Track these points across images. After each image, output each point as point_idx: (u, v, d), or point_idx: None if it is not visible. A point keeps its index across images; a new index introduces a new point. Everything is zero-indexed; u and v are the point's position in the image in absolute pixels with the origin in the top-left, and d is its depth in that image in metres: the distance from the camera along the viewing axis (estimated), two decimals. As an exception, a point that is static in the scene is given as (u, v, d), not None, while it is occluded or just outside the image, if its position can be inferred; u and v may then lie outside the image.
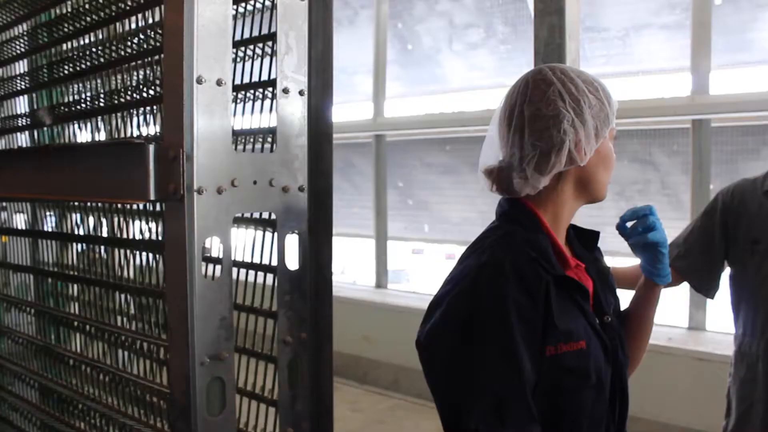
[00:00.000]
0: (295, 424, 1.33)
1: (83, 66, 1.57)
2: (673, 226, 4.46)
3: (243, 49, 1.33)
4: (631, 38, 4.60)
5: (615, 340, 1.32)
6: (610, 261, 2.18)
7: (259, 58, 1.31)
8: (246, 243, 1.33)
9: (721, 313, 2.32)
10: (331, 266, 1.32)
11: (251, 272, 1.34)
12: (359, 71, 6.16)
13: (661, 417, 3.88)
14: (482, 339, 1.13)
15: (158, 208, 1.41)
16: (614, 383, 1.29)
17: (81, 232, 1.69)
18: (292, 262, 1.28)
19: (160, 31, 1.32)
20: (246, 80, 1.33)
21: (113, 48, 1.47)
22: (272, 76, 1.26)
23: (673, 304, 4.04)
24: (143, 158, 1.12)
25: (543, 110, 1.24)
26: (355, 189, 6.32)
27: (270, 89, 1.27)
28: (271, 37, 1.25)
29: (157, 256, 1.39)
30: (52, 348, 1.70)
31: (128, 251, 1.48)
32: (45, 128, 1.77)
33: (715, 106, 4.12)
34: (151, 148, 1.12)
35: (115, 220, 1.55)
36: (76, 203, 1.66)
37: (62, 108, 1.68)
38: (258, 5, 1.31)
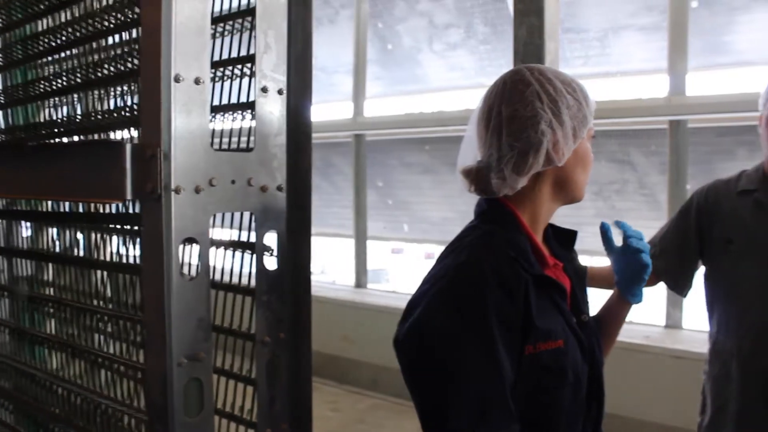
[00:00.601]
0: (274, 424, 1.32)
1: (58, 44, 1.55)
2: (650, 225, 4.51)
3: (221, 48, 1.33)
4: (609, 39, 4.64)
5: (592, 338, 1.33)
6: (587, 260, 2.21)
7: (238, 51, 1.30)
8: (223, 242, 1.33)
9: (697, 311, 2.35)
10: (309, 266, 1.32)
11: (229, 272, 1.33)
12: (339, 71, 6.15)
13: (639, 414, 3.92)
14: (461, 338, 1.13)
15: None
16: (591, 381, 1.29)
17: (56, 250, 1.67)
18: (271, 262, 1.27)
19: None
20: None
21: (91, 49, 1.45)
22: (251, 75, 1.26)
23: (650, 302, 4.08)
24: (120, 157, 1.11)
25: (521, 111, 1.24)
26: (335, 188, 6.31)
27: (248, 88, 1.27)
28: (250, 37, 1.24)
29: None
30: (24, 366, 1.68)
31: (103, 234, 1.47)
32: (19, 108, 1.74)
33: (692, 107, 4.16)
34: (128, 147, 1.11)
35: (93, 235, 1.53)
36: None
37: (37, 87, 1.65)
38: (235, 4, 1.30)
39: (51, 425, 1.57)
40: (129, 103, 1.36)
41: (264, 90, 1.24)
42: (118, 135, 1.41)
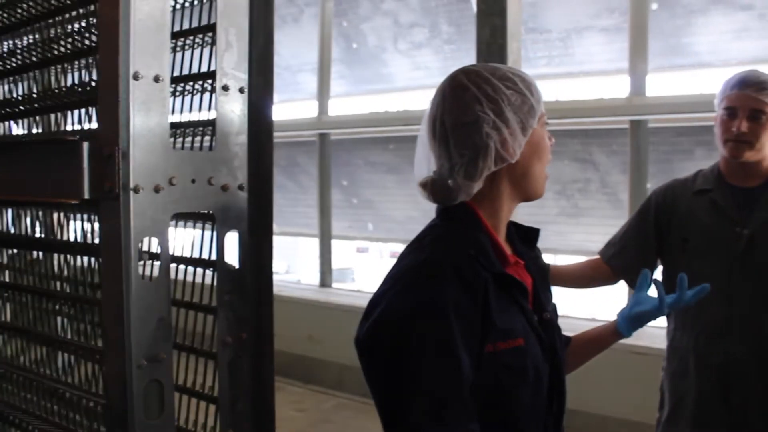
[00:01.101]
0: (237, 424, 1.31)
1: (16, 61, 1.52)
2: (612, 224, 4.58)
3: (182, 44, 1.31)
4: (572, 40, 4.69)
5: (553, 337, 1.34)
6: (550, 259, 2.24)
7: (199, 54, 1.28)
8: (184, 243, 1.31)
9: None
10: (271, 265, 1.31)
11: (190, 272, 1.32)
12: (304, 69, 6.13)
13: (601, 410, 3.97)
14: (421, 337, 1.13)
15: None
16: (552, 380, 1.30)
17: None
18: (232, 262, 1.26)
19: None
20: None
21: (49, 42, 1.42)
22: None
23: (613, 299, 4.14)
24: (77, 156, 1.09)
25: (462, 118, 1.23)
26: (300, 188, 6.28)
27: (210, 85, 1.25)
28: (211, 29, 1.23)
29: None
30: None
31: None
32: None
33: (652, 107, 4.23)
34: (86, 145, 1.09)
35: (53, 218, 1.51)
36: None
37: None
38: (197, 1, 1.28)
39: (8, 414, 1.53)
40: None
41: (225, 88, 1.23)
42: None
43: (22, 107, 1.53)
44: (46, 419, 1.41)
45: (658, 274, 2.28)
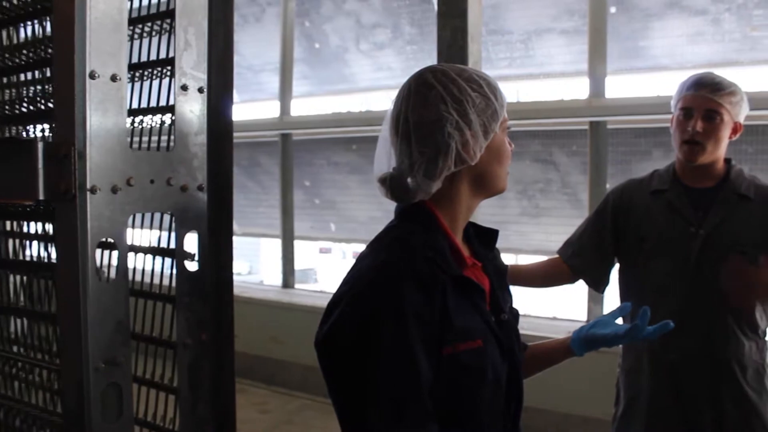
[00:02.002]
0: (198, 428, 1.30)
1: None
2: (572, 223, 4.62)
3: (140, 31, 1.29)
4: (533, 42, 4.74)
5: (511, 337, 1.34)
6: (511, 259, 2.26)
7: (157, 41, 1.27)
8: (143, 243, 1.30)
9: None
10: (231, 266, 1.30)
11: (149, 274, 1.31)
12: (266, 69, 6.08)
13: (562, 408, 4.02)
14: (379, 339, 1.12)
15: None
16: (510, 380, 1.31)
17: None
18: (191, 263, 1.25)
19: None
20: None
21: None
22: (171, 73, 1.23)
23: (573, 298, 4.20)
24: (31, 156, 1.07)
25: (426, 116, 1.23)
26: (262, 188, 6.24)
27: (168, 72, 1.24)
28: (170, 15, 1.22)
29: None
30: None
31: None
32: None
33: (611, 109, 4.29)
34: (40, 145, 1.07)
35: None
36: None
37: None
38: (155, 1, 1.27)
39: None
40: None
41: (184, 88, 1.22)
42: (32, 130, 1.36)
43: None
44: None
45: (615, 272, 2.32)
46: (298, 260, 6.12)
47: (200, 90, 1.24)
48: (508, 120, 1.32)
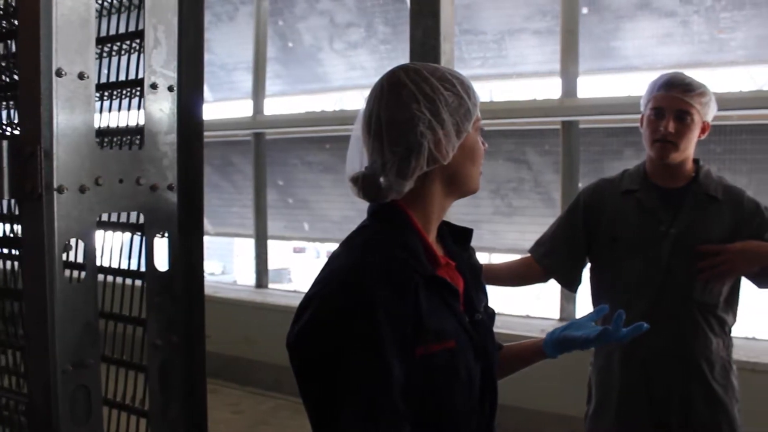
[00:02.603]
0: (169, 429, 1.29)
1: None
2: (545, 222, 4.64)
3: (109, 45, 1.28)
4: (506, 42, 4.76)
5: (484, 337, 1.33)
6: (485, 258, 2.27)
7: (127, 53, 1.25)
8: (113, 243, 1.28)
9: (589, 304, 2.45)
10: (202, 266, 1.29)
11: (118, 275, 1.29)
12: (239, 68, 6.04)
13: (536, 406, 4.03)
14: (351, 340, 1.12)
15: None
16: (484, 380, 1.30)
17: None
18: (162, 263, 1.24)
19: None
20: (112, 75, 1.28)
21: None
22: (140, 72, 1.22)
23: (546, 296, 4.23)
24: (-4, 154, 1.05)
25: (398, 115, 1.22)
26: (235, 188, 6.20)
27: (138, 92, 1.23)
28: (139, 34, 1.20)
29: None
30: None
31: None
32: None
33: (583, 108, 4.32)
34: (5, 143, 1.05)
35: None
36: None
37: None
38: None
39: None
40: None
41: (153, 86, 1.20)
42: None
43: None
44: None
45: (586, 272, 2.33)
46: (272, 260, 6.09)
47: (170, 89, 1.22)
48: (481, 119, 1.31)
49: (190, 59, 1.26)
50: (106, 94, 1.29)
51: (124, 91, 1.28)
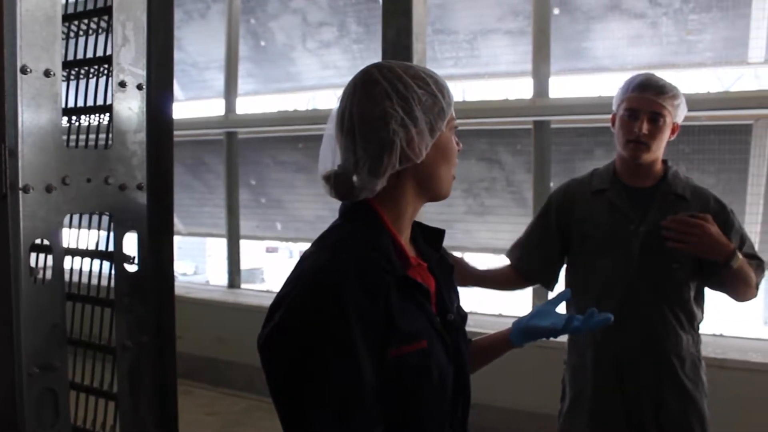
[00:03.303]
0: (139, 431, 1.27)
1: None
2: (517, 221, 4.69)
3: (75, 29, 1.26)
4: (478, 42, 4.78)
5: (457, 338, 1.33)
6: (458, 256, 2.27)
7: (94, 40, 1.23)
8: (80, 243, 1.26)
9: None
10: (172, 266, 1.28)
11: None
12: (211, 67, 6.00)
13: (510, 404, 4.05)
14: (322, 342, 1.11)
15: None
16: (456, 380, 1.30)
17: None
18: (131, 264, 1.22)
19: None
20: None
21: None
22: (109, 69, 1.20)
23: (518, 295, 4.25)
24: (-41, 153, 1.03)
25: (371, 112, 1.21)
26: (207, 187, 6.15)
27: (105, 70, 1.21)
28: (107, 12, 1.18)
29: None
30: None
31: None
32: None
33: (554, 108, 4.35)
34: (-32, 142, 1.03)
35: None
36: None
37: None
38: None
39: None
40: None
41: (122, 85, 1.19)
42: None
43: None
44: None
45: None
46: (245, 260, 6.05)
47: (139, 87, 1.21)
48: (455, 119, 1.31)
49: (160, 57, 1.24)
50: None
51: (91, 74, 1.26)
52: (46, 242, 1.10)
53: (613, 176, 2.24)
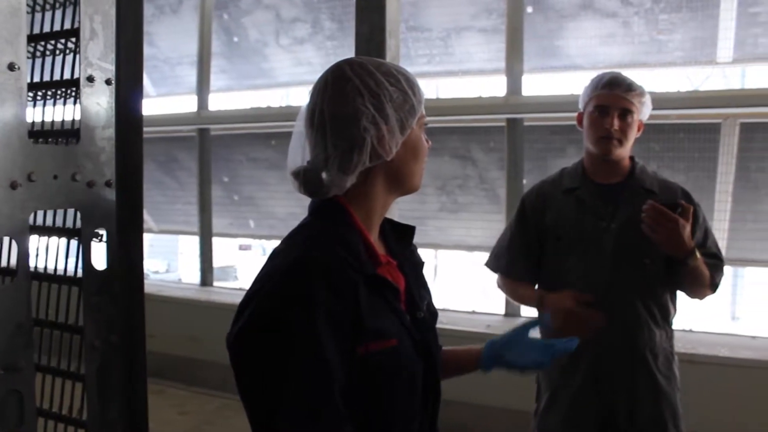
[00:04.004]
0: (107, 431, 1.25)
1: None
2: (490, 219, 4.70)
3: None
4: (452, 39, 4.78)
5: (427, 336, 1.32)
6: (431, 254, 2.27)
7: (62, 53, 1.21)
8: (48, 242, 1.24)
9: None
10: (142, 264, 1.26)
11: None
12: (183, 62, 5.93)
13: (482, 401, 4.06)
14: (290, 340, 1.10)
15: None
16: (426, 378, 1.29)
17: None
18: (100, 262, 1.20)
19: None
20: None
21: None
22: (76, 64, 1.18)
23: (492, 292, 4.27)
24: None
25: (342, 109, 1.21)
26: (179, 184, 6.08)
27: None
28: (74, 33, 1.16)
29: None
30: None
31: None
32: None
33: (527, 106, 4.38)
34: (-71, 138, 1.01)
35: None
36: None
37: None
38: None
39: None
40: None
41: (90, 79, 1.17)
42: None
43: None
44: None
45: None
46: (218, 257, 6.00)
47: (108, 82, 1.19)
48: (425, 117, 1.30)
49: (129, 52, 1.22)
50: (39, 94, 1.25)
51: (59, 91, 1.23)
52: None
53: (583, 174, 2.25)
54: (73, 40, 1.18)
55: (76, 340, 1.23)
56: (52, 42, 1.23)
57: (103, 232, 1.20)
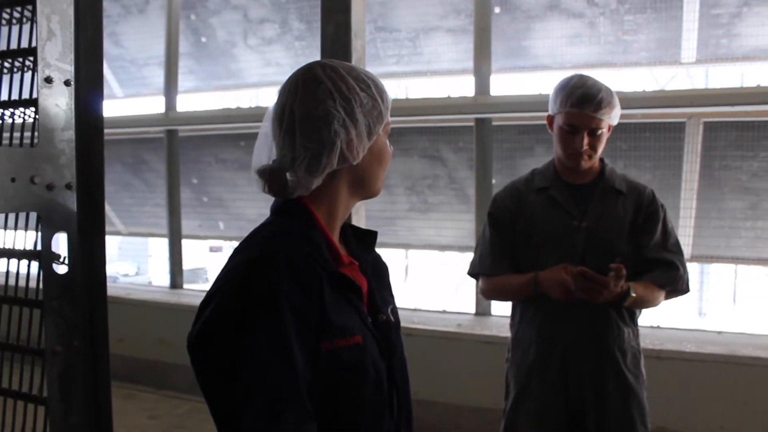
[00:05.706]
0: (71, 439, 1.23)
1: None
2: (461, 218, 4.71)
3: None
4: (420, 40, 4.80)
5: (389, 338, 1.33)
6: (401, 254, 2.26)
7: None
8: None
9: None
10: (104, 267, 1.24)
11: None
12: (150, 63, 5.87)
13: (454, 399, 4.08)
14: (254, 336, 1.09)
15: None
16: (391, 379, 1.30)
17: None
18: (60, 265, 1.18)
19: None
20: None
21: None
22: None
23: (463, 291, 4.29)
24: None
25: (313, 111, 1.21)
26: (147, 186, 6.02)
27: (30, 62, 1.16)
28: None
29: None
30: None
31: None
32: None
33: (496, 106, 4.41)
34: None
35: None
36: None
37: None
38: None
39: None
40: None
41: (48, 80, 1.15)
42: None
43: None
44: None
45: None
46: (188, 260, 5.95)
47: (67, 83, 1.17)
48: (390, 123, 1.32)
49: (89, 52, 1.20)
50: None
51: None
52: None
53: (554, 174, 2.28)
54: (31, 58, 1.16)
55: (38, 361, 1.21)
56: (9, 60, 1.21)
57: (64, 254, 1.18)
